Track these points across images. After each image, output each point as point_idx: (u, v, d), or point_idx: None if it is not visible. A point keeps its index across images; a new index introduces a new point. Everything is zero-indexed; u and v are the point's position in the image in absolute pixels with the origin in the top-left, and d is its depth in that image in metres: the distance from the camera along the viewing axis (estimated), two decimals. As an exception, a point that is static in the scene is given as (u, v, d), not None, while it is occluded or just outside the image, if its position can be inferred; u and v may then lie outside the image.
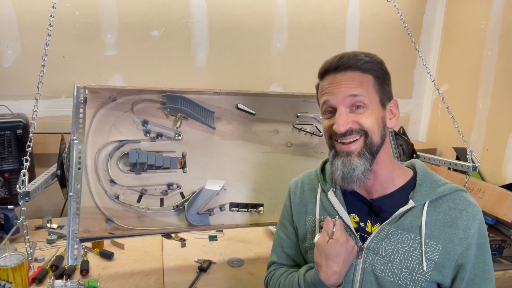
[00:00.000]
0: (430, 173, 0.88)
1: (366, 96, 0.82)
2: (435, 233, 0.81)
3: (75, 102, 1.24)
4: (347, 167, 0.82)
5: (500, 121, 1.85)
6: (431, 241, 0.81)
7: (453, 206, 0.82)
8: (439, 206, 0.83)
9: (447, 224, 0.81)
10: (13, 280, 1.05)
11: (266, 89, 2.09)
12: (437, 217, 0.82)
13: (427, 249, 0.80)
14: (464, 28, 2.08)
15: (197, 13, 1.90)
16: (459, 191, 0.85)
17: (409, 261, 0.81)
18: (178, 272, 1.34)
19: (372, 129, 0.82)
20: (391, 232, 0.83)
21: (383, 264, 0.83)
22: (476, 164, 1.41)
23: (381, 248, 0.83)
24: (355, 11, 2.12)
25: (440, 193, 0.83)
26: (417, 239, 0.81)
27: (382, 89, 0.85)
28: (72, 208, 1.17)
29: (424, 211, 0.82)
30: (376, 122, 0.83)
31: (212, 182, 1.30)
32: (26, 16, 1.70)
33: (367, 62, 0.83)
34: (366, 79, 0.83)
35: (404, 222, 0.82)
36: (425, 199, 0.83)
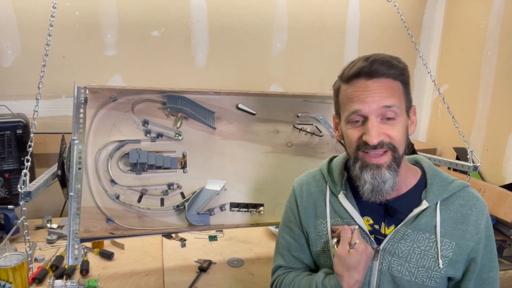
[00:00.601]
0: (438, 170, 0.89)
1: (398, 105, 0.79)
2: (448, 230, 0.83)
3: (75, 102, 1.24)
4: (377, 180, 0.80)
5: (500, 121, 1.86)
6: (445, 239, 0.82)
7: (463, 203, 0.84)
8: (451, 204, 0.84)
9: (458, 221, 0.83)
10: (13, 280, 1.05)
11: (266, 89, 2.09)
12: (449, 215, 0.84)
13: (441, 247, 0.82)
14: (464, 28, 2.08)
15: (197, 13, 1.90)
16: (466, 187, 0.87)
17: (425, 260, 0.83)
18: (178, 272, 1.34)
19: (400, 142, 0.80)
20: (408, 233, 0.84)
21: (400, 265, 0.84)
22: (476, 164, 1.41)
23: (398, 249, 0.84)
24: (355, 11, 2.13)
25: (450, 191, 0.84)
26: (432, 238, 0.83)
27: (408, 96, 0.83)
28: (73, 208, 1.17)
29: (437, 210, 0.83)
30: (403, 133, 0.81)
31: (213, 182, 1.30)
32: (26, 16, 1.70)
33: (399, 69, 0.81)
34: (397, 87, 0.80)
35: (420, 223, 0.83)
36: (437, 198, 0.84)
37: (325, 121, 1.48)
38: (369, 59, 0.79)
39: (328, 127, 1.48)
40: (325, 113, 1.49)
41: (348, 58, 2.17)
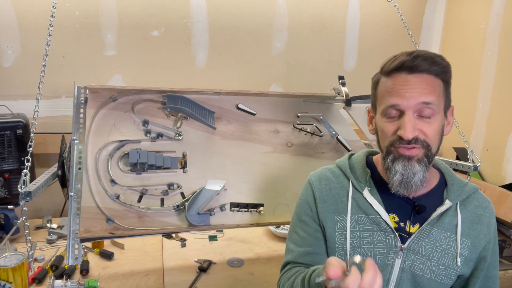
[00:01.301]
0: (453, 173, 0.93)
1: (437, 104, 0.79)
2: (466, 230, 0.86)
3: (75, 102, 1.24)
4: (407, 171, 0.80)
5: (500, 121, 1.85)
6: (463, 238, 0.86)
7: (478, 205, 0.89)
8: (468, 205, 0.88)
9: (474, 221, 0.87)
10: (13, 280, 1.05)
11: (266, 89, 2.09)
12: (467, 215, 0.87)
13: (460, 246, 0.85)
14: (464, 28, 2.08)
15: (197, 13, 1.90)
16: (478, 190, 0.92)
17: (446, 258, 0.85)
18: (178, 272, 1.34)
19: (434, 141, 0.81)
20: (432, 232, 0.85)
21: (422, 263, 0.85)
22: (476, 164, 1.41)
23: (421, 248, 0.85)
24: (355, 11, 2.12)
25: (467, 192, 0.89)
26: (452, 237, 0.86)
27: (447, 96, 0.84)
28: (73, 208, 1.17)
29: (458, 210, 0.87)
30: (438, 132, 0.81)
31: (213, 182, 1.30)
32: (26, 16, 1.70)
33: (442, 67, 0.81)
34: (438, 84, 0.80)
35: (444, 222, 0.86)
36: (458, 199, 0.87)
37: (325, 121, 1.48)
38: (413, 54, 0.79)
39: (328, 127, 1.48)
40: (325, 113, 1.49)
41: (348, 58, 2.17)
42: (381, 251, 0.86)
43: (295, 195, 1.39)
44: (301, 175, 1.42)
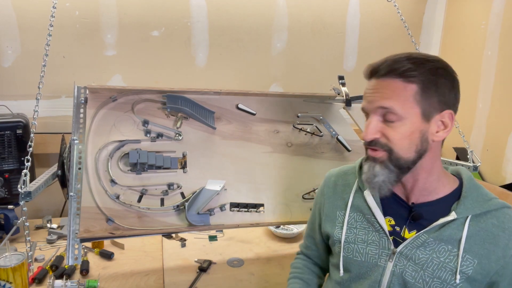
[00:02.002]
0: (478, 186, 0.84)
1: (401, 108, 0.77)
2: (473, 247, 0.79)
3: (75, 102, 1.24)
4: (370, 171, 0.82)
5: (500, 121, 1.85)
6: (467, 255, 0.79)
7: (497, 224, 0.80)
8: (482, 222, 0.80)
9: (487, 240, 0.79)
10: (13, 280, 1.05)
11: (266, 89, 2.09)
12: (478, 232, 0.79)
13: (462, 262, 0.78)
14: (464, 28, 2.08)
15: (197, 13, 1.90)
16: (505, 208, 0.82)
17: (443, 271, 0.80)
18: (178, 272, 1.34)
19: (399, 145, 0.79)
20: (428, 241, 0.81)
21: (415, 271, 0.82)
22: (476, 164, 1.41)
23: (415, 255, 0.82)
24: (355, 11, 2.13)
25: (485, 208, 0.80)
26: (454, 252, 0.79)
27: (428, 100, 0.77)
28: (73, 208, 1.17)
29: (466, 224, 0.79)
30: (407, 136, 0.78)
31: (213, 182, 1.30)
32: (26, 16, 1.70)
33: (409, 70, 0.76)
34: (405, 89, 0.77)
35: (444, 234, 0.80)
36: (468, 212, 0.80)
37: (325, 121, 1.48)
38: (386, 58, 0.80)
39: (328, 127, 1.48)
40: (325, 113, 1.49)
41: (348, 58, 2.17)
42: (374, 251, 0.87)
43: (295, 195, 1.39)
44: (301, 175, 1.42)
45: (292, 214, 1.38)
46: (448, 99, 0.79)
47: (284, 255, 1.49)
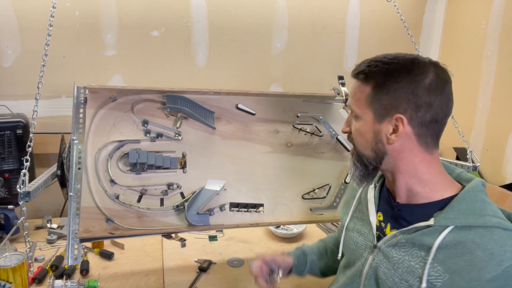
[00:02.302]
0: (476, 199, 0.77)
1: (357, 107, 0.82)
2: (447, 261, 0.74)
3: (75, 102, 1.24)
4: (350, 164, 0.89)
5: (500, 121, 1.85)
6: (439, 266, 0.74)
7: (479, 242, 0.72)
8: (463, 236, 0.73)
9: (463, 257, 0.72)
10: (13, 280, 1.05)
11: (266, 89, 2.09)
12: (455, 246, 0.73)
13: (431, 272, 0.75)
14: (464, 28, 2.08)
15: (197, 13, 1.90)
16: (497, 228, 0.73)
17: (411, 275, 0.78)
18: (178, 272, 1.34)
19: (357, 141, 0.85)
20: (402, 242, 0.80)
21: (387, 269, 0.82)
22: (476, 164, 1.41)
23: (390, 254, 0.82)
24: (355, 11, 2.13)
25: (469, 222, 0.74)
26: (426, 259, 0.76)
27: (379, 102, 0.78)
28: (72, 208, 1.17)
29: (442, 234, 0.75)
30: (362, 134, 0.82)
31: (212, 182, 1.30)
32: (26, 16, 1.70)
33: (362, 72, 0.81)
34: (361, 90, 0.81)
35: (418, 238, 0.78)
36: (448, 222, 0.75)
37: (324, 121, 1.48)
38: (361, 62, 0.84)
39: (328, 127, 1.48)
40: (325, 113, 1.49)
41: (348, 58, 2.17)
42: (362, 242, 0.91)
43: (295, 195, 1.39)
44: (301, 175, 1.42)
45: (292, 214, 1.38)
46: (400, 103, 0.77)
47: (284, 255, 1.49)
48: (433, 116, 0.77)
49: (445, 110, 0.78)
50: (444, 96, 0.77)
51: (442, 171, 0.83)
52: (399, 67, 0.78)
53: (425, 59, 0.80)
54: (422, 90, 0.76)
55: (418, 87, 0.76)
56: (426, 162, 0.81)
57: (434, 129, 0.79)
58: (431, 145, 0.80)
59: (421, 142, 0.79)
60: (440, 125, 0.79)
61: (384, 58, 0.80)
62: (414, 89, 0.76)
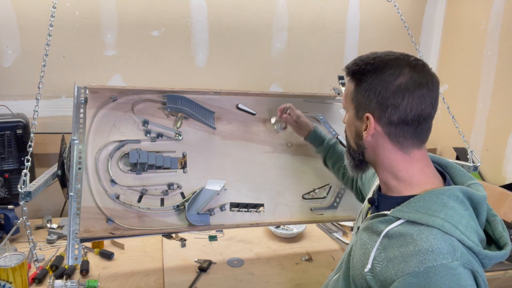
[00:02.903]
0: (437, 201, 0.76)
1: (345, 101, 0.88)
2: (389, 249, 0.76)
3: (75, 102, 1.24)
4: None
5: (500, 121, 1.86)
6: (383, 252, 0.76)
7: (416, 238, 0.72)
8: (407, 230, 0.75)
9: (400, 248, 0.74)
10: (13, 280, 1.05)
11: (266, 89, 2.09)
12: (398, 237, 0.75)
13: (376, 256, 0.77)
14: (464, 28, 2.08)
15: (197, 13, 1.90)
16: (437, 229, 0.72)
17: (365, 257, 0.80)
18: (178, 272, 1.34)
19: (346, 132, 0.91)
20: (368, 227, 0.84)
21: (357, 249, 0.85)
22: (476, 164, 1.41)
23: (362, 235, 0.86)
24: (355, 11, 2.13)
25: (417, 219, 0.74)
26: (377, 242, 0.79)
27: (357, 99, 0.83)
28: (73, 208, 1.17)
29: (393, 224, 0.77)
30: (348, 126, 0.89)
31: (213, 182, 1.30)
32: (26, 16, 1.70)
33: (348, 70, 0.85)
34: (348, 86, 0.86)
35: (375, 224, 0.82)
36: (400, 215, 0.77)
37: (325, 121, 1.48)
38: None
39: (328, 127, 1.48)
40: (325, 113, 1.49)
41: (348, 58, 2.17)
42: (358, 222, 0.97)
43: (295, 195, 1.40)
44: (301, 175, 1.42)
45: (292, 214, 1.38)
46: (370, 103, 0.80)
47: (284, 255, 1.49)
48: (401, 117, 0.77)
49: (416, 112, 0.77)
50: (415, 99, 0.76)
51: (425, 172, 0.82)
52: (373, 68, 0.80)
53: (407, 60, 0.79)
54: (389, 91, 0.77)
55: (385, 88, 0.78)
56: (402, 160, 0.82)
57: (405, 130, 0.79)
58: (406, 145, 0.80)
59: (394, 141, 0.81)
60: (413, 127, 0.78)
61: (367, 58, 0.82)
62: (381, 90, 0.78)
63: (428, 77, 0.78)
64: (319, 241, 1.62)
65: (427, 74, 0.79)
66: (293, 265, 1.42)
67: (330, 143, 1.30)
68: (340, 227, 1.73)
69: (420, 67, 0.79)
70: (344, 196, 1.44)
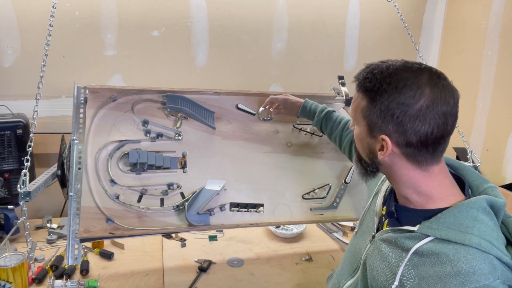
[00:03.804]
0: (467, 215, 0.74)
1: (354, 116, 0.84)
2: (420, 266, 0.74)
3: (75, 102, 1.24)
4: None
5: (500, 121, 1.86)
6: (413, 269, 0.74)
7: (452, 259, 0.70)
8: (440, 248, 0.72)
9: (434, 267, 0.72)
10: (13, 280, 1.05)
11: (266, 89, 2.09)
12: (431, 255, 0.73)
13: (405, 272, 0.75)
14: (464, 28, 2.08)
15: (197, 13, 1.90)
16: (474, 249, 0.70)
17: (389, 271, 0.78)
18: (178, 272, 1.34)
19: (356, 143, 0.87)
20: (390, 239, 0.82)
21: (376, 259, 0.84)
22: (476, 164, 1.41)
23: (380, 246, 0.84)
24: (355, 11, 2.13)
25: (450, 237, 0.72)
26: (404, 259, 0.76)
27: (371, 118, 0.78)
28: (73, 208, 1.17)
29: (422, 241, 0.75)
30: (359, 140, 0.85)
31: (213, 182, 1.30)
32: (26, 16, 1.70)
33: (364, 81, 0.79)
34: (359, 100, 0.81)
35: (400, 239, 0.79)
36: (429, 232, 0.74)
37: (325, 121, 1.48)
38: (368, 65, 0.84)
39: (328, 127, 1.48)
40: (325, 113, 1.49)
41: (348, 58, 2.17)
42: (369, 228, 0.94)
43: (295, 195, 1.39)
44: (301, 175, 1.42)
45: (292, 214, 1.38)
46: (386, 125, 0.76)
47: (284, 255, 1.49)
48: (421, 140, 0.74)
49: (437, 134, 0.74)
50: (436, 121, 0.73)
51: (444, 184, 0.81)
52: (390, 88, 0.74)
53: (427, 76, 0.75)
54: (408, 116, 0.73)
55: (404, 112, 0.73)
56: (422, 177, 0.79)
57: (424, 151, 0.76)
58: (425, 163, 0.78)
59: (412, 161, 0.78)
60: (433, 147, 0.76)
61: (381, 73, 0.76)
62: (399, 113, 0.73)
63: (449, 95, 0.74)
64: (319, 241, 1.62)
65: (448, 92, 0.74)
66: (293, 265, 1.42)
67: (321, 115, 1.29)
68: (340, 227, 1.73)
69: (441, 85, 0.74)
70: (344, 196, 1.44)
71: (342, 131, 1.25)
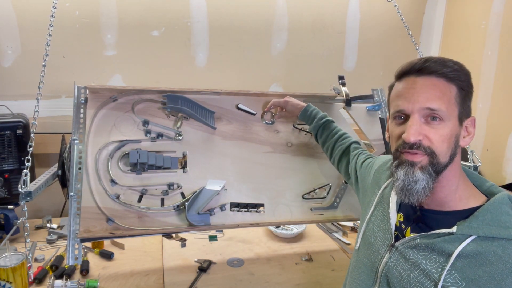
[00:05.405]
0: (501, 211, 0.75)
1: (446, 109, 0.76)
2: (466, 269, 0.72)
3: (75, 102, 1.24)
4: (409, 178, 0.78)
5: (500, 121, 1.86)
6: (456, 273, 0.73)
7: (501, 254, 0.70)
8: (485, 247, 0.72)
9: (482, 267, 0.71)
10: (13, 280, 1.05)
11: (266, 89, 2.09)
12: (476, 255, 0.72)
13: (448, 278, 0.73)
14: (464, 28, 2.08)
15: (197, 13, 1.90)
16: None
17: (426, 278, 0.76)
18: (178, 272, 1.34)
19: (440, 148, 0.76)
20: (421, 246, 0.79)
21: (403, 269, 0.81)
22: (477, 164, 1.41)
23: (408, 254, 0.81)
24: (355, 11, 2.13)
25: (493, 233, 0.72)
26: (444, 265, 0.74)
27: (464, 104, 0.79)
28: (73, 208, 1.17)
29: (464, 243, 0.73)
30: (447, 139, 0.77)
31: (213, 182, 1.30)
32: (26, 16, 1.70)
33: (455, 70, 0.78)
34: (449, 89, 0.77)
35: (439, 244, 0.76)
36: (471, 232, 0.73)
37: (325, 121, 1.48)
38: (425, 58, 0.79)
39: (328, 127, 1.48)
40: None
41: (348, 58, 2.17)
42: (381, 237, 0.89)
43: (295, 195, 1.39)
44: (301, 175, 1.42)
45: (292, 214, 1.38)
46: (470, 106, 0.82)
47: (284, 255, 1.49)
48: None
49: None
50: None
51: (468, 182, 0.83)
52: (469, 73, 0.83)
53: None
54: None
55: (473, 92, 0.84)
56: (460, 167, 0.82)
57: None
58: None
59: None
60: None
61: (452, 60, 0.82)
62: (472, 93, 0.84)
63: None
64: (319, 241, 1.62)
65: None
66: (293, 265, 1.42)
67: (320, 122, 1.27)
68: (340, 227, 1.73)
69: None
70: (344, 196, 1.44)
71: (336, 141, 1.24)
